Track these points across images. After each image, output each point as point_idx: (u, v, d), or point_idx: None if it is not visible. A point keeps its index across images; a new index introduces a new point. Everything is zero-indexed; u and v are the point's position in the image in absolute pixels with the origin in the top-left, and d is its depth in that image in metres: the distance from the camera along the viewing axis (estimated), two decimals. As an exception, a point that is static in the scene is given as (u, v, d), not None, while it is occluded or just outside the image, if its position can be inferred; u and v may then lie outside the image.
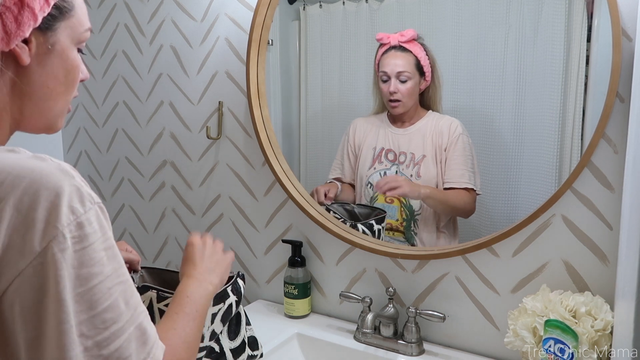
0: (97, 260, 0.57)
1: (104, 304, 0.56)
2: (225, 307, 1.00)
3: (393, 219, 1.32)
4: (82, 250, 0.55)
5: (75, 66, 0.67)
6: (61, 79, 0.65)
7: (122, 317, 0.58)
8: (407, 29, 1.25)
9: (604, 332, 0.95)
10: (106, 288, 0.57)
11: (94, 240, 0.57)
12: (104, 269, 0.57)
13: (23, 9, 0.59)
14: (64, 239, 0.54)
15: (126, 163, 1.76)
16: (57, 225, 0.54)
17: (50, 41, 0.63)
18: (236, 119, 1.49)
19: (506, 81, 1.16)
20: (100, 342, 0.56)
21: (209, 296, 0.84)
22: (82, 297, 0.55)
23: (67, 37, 0.64)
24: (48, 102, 0.65)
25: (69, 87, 0.67)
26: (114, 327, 0.57)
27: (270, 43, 1.40)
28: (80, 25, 0.66)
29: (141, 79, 1.67)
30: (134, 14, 1.65)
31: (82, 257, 0.55)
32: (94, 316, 0.56)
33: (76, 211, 0.56)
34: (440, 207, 1.29)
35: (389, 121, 1.33)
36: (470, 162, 1.24)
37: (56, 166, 0.57)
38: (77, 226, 0.55)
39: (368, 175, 1.34)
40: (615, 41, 0.96)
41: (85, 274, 0.55)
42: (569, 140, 1.10)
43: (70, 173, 0.57)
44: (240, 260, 1.55)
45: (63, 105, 0.68)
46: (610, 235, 1.04)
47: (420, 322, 1.21)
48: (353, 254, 1.33)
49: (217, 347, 1.02)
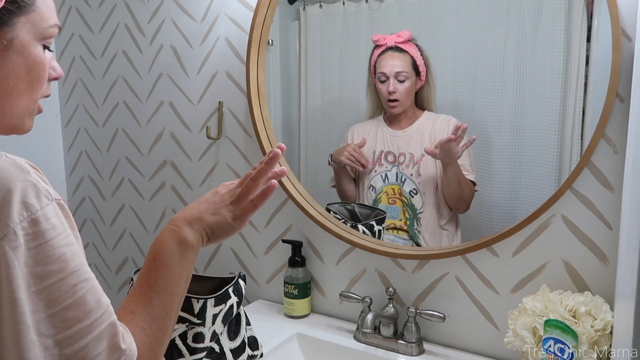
0: (55, 258, 0.54)
1: (64, 302, 0.54)
2: (227, 308, 1.00)
3: (397, 219, 1.32)
4: (37, 247, 0.53)
5: (38, 63, 0.62)
6: (23, 76, 0.61)
7: (90, 314, 0.56)
8: (406, 29, 1.26)
9: (603, 332, 0.95)
10: (68, 285, 0.55)
11: (51, 237, 0.54)
12: (65, 266, 0.55)
13: None
14: (15, 237, 0.51)
15: (126, 163, 1.76)
16: (8, 222, 0.51)
17: (7, 37, 0.58)
18: (236, 119, 1.49)
19: (506, 81, 1.16)
20: (61, 340, 0.54)
21: (185, 254, 0.74)
22: (38, 296, 0.53)
23: (27, 32, 0.60)
24: (9, 100, 0.61)
25: (33, 84, 0.63)
26: (78, 325, 0.55)
27: (270, 43, 1.40)
28: (43, 21, 0.62)
29: (141, 79, 1.67)
30: (134, 14, 1.65)
31: (38, 255, 0.53)
32: (53, 315, 0.53)
33: (30, 207, 0.53)
34: (455, 180, 1.24)
35: (387, 123, 1.33)
36: (468, 159, 1.24)
37: (10, 162, 0.55)
38: (30, 223, 0.53)
39: (370, 179, 1.35)
40: (615, 41, 0.96)
41: (40, 272, 0.53)
42: (569, 140, 1.10)
43: (25, 168, 0.55)
44: (240, 260, 1.55)
45: (28, 105, 0.63)
46: (610, 235, 1.04)
47: (420, 322, 1.22)
48: (353, 254, 1.34)
49: (217, 348, 1.02)
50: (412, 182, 1.30)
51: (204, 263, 1.63)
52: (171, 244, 0.73)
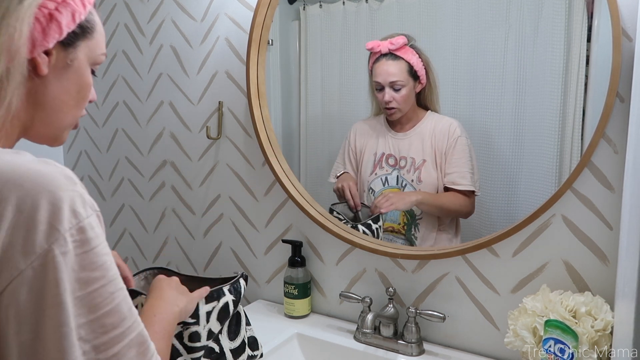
0: (98, 265, 0.57)
1: (104, 309, 0.57)
2: (220, 305, 0.99)
3: (395, 223, 1.32)
4: (83, 254, 0.56)
5: (87, 84, 0.70)
6: (73, 94, 0.69)
7: (124, 322, 0.58)
8: (406, 29, 1.25)
9: (604, 332, 0.95)
10: (108, 293, 0.57)
11: (95, 245, 0.57)
12: (106, 274, 0.58)
13: (51, 21, 0.63)
14: (65, 242, 0.54)
15: (126, 163, 1.76)
16: (59, 227, 0.54)
17: (70, 57, 0.66)
18: (236, 119, 1.49)
19: (506, 81, 1.16)
20: (98, 346, 0.56)
21: (175, 317, 0.85)
22: (81, 301, 0.55)
23: (84, 56, 0.68)
24: (58, 114, 0.68)
25: (80, 103, 0.70)
26: (113, 332, 0.57)
27: (270, 43, 1.40)
28: (97, 48, 0.70)
29: (141, 79, 1.67)
30: (134, 14, 1.65)
31: (83, 261, 0.56)
32: (93, 320, 0.56)
33: (78, 215, 0.56)
34: (435, 210, 1.29)
35: (389, 125, 1.33)
36: (470, 164, 1.23)
37: (60, 171, 0.58)
38: (78, 230, 0.56)
39: (369, 181, 1.34)
40: (615, 41, 0.96)
41: (85, 277, 0.56)
42: (569, 140, 1.09)
43: (73, 179, 0.58)
44: (240, 260, 1.55)
45: (71, 120, 0.71)
46: (610, 235, 1.04)
47: (420, 322, 1.21)
48: (353, 254, 1.33)
49: (217, 348, 1.02)
50: (412, 189, 1.29)
51: (204, 263, 1.63)
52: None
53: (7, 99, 0.61)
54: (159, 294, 0.87)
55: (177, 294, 0.89)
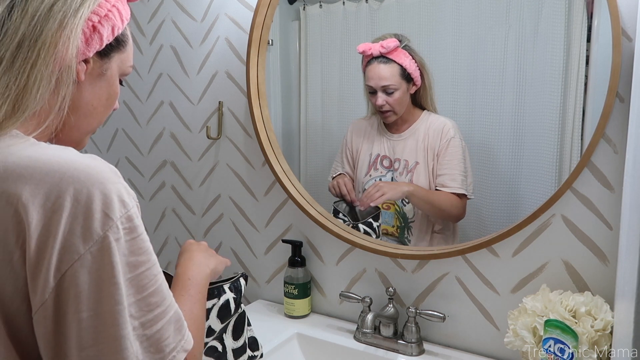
0: (144, 250, 0.63)
1: (149, 289, 0.63)
2: (221, 302, 0.99)
3: (389, 225, 1.32)
4: (131, 240, 0.62)
5: (116, 93, 0.76)
6: (103, 101, 0.74)
7: (165, 301, 0.65)
8: (406, 28, 1.25)
9: (603, 332, 0.95)
10: (152, 275, 0.64)
11: (140, 232, 0.63)
12: (150, 257, 0.64)
13: (94, 33, 0.69)
14: (117, 229, 0.60)
15: (126, 163, 1.76)
16: (112, 216, 0.60)
17: (104, 66, 0.72)
18: (236, 119, 1.49)
19: (506, 81, 1.16)
20: (144, 322, 0.62)
21: (207, 278, 0.88)
22: (131, 282, 0.61)
23: (116, 67, 0.74)
24: (88, 119, 0.74)
25: (107, 109, 0.76)
26: (157, 310, 0.64)
27: (270, 43, 1.40)
28: (127, 60, 0.76)
29: (141, 79, 1.67)
30: (134, 14, 1.65)
31: (132, 247, 0.62)
32: (140, 299, 0.62)
33: (126, 205, 0.62)
34: (425, 206, 1.27)
35: (384, 126, 1.32)
36: (462, 166, 1.22)
37: (107, 166, 0.64)
38: (127, 218, 0.62)
39: (364, 182, 1.34)
40: (615, 41, 0.96)
41: (133, 261, 0.62)
42: (569, 140, 1.09)
43: (118, 173, 0.65)
44: (240, 260, 1.55)
45: (96, 125, 0.76)
46: (610, 235, 1.04)
47: (420, 322, 1.22)
48: (353, 254, 1.34)
49: (220, 347, 1.02)
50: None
51: (204, 263, 1.62)
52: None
53: (59, 103, 0.67)
54: (189, 256, 0.90)
55: (208, 256, 0.93)
